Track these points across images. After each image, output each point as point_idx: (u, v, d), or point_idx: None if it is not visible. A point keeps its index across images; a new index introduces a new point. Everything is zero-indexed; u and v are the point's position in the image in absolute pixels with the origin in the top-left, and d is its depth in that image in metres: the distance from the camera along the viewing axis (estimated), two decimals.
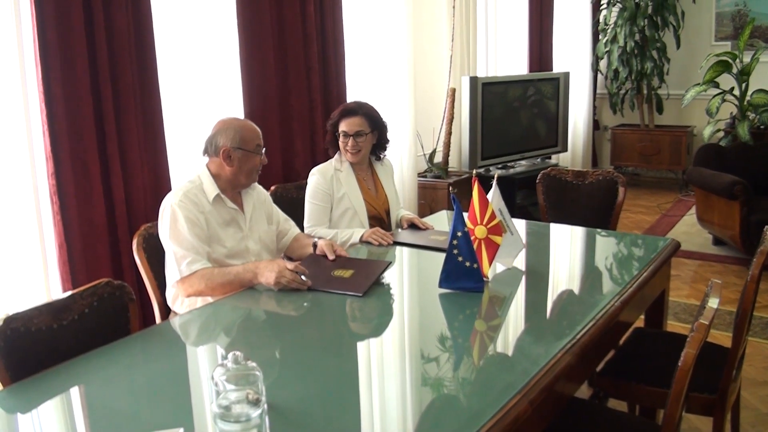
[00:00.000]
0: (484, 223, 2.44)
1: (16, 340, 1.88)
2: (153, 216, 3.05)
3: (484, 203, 2.45)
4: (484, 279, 2.42)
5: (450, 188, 5.17)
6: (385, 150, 3.38)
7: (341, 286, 2.43)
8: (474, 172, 2.67)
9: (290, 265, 2.44)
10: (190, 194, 2.53)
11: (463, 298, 2.33)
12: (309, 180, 3.22)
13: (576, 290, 2.53)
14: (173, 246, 2.48)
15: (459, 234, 2.31)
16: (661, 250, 2.80)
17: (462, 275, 2.33)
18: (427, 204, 5.26)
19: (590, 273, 2.76)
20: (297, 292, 2.41)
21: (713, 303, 1.85)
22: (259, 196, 2.80)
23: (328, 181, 3.19)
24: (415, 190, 5.22)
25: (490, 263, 2.46)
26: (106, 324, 2.12)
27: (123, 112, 3.19)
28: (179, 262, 2.46)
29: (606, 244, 3.14)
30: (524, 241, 2.75)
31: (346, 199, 3.19)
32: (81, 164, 3.04)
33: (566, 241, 3.19)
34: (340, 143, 3.20)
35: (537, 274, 2.68)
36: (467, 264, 2.32)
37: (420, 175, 5.39)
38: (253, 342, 2.16)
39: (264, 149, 2.67)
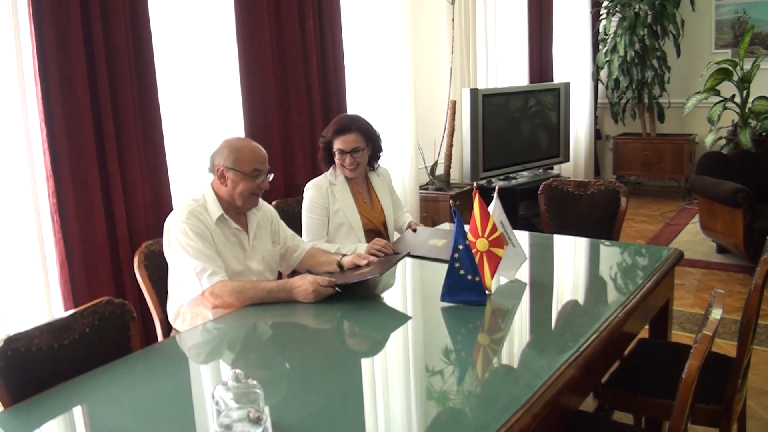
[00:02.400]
0: (486, 235, 2.43)
1: (16, 361, 1.87)
2: (154, 233, 3.06)
3: (485, 216, 2.44)
4: (487, 292, 2.41)
5: (451, 201, 5.17)
6: (379, 159, 3.37)
7: (361, 276, 2.55)
8: (474, 184, 2.66)
9: (323, 281, 2.45)
10: (194, 212, 2.52)
11: (465, 312, 2.31)
12: (305, 194, 3.21)
13: (580, 301, 2.52)
14: (190, 260, 2.44)
15: (460, 247, 2.30)
16: (664, 260, 2.79)
17: (464, 288, 2.32)
18: (429, 216, 5.25)
19: (594, 284, 2.75)
20: (301, 307, 2.43)
21: (716, 314, 1.84)
22: (264, 215, 2.77)
23: (323, 195, 3.18)
24: (416, 203, 5.22)
25: (492, 276, 2.46)
26: (108, 343, 2.11)
27: (123, 130, 3.19)
28: (199, 275, 2.44)
29: (609, 255, 3.13)
30: (527, 252, 2.74)
31: (341, 213, 3.18)
32: (81, 183, 3.04)
33: (569, 252, 3.18)
34: (337, 160, 3.18)
35: (540, 285, 2.67)
36: (469, 277, 2.31)
37: (422, 187, 5.39)
38: (255, 359, 2.16)
39: (269, 175, 2.62)
